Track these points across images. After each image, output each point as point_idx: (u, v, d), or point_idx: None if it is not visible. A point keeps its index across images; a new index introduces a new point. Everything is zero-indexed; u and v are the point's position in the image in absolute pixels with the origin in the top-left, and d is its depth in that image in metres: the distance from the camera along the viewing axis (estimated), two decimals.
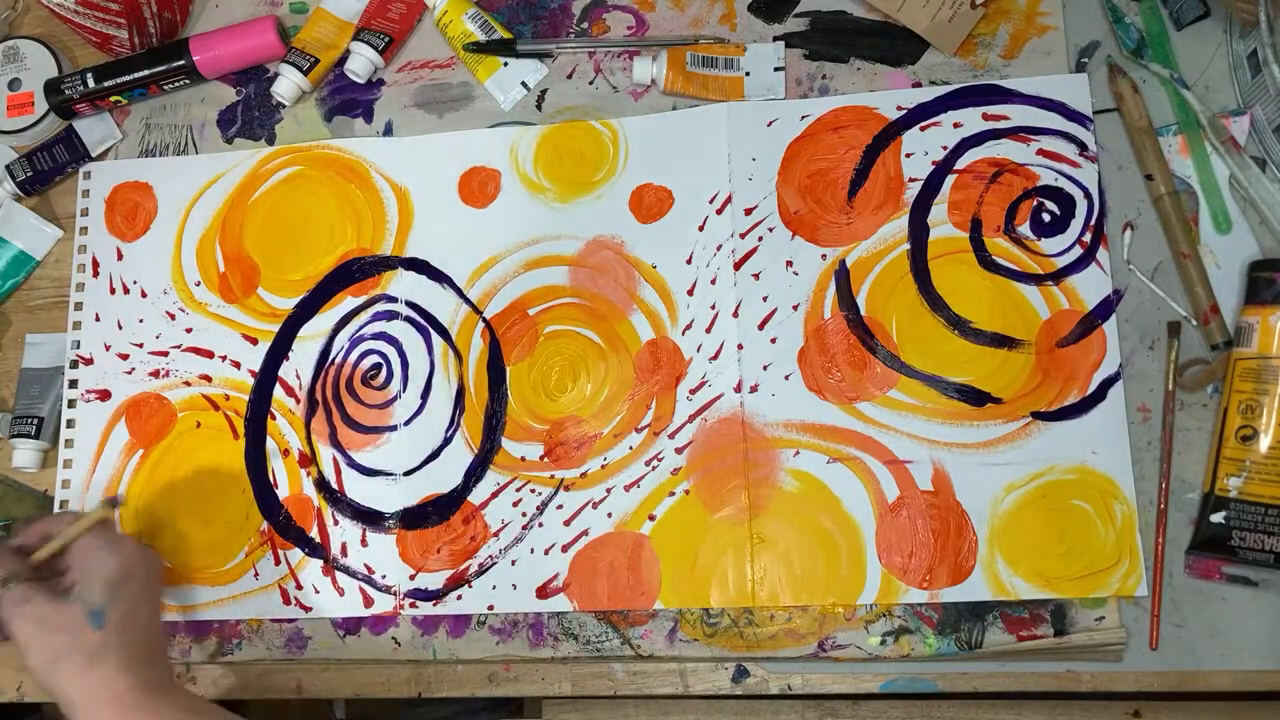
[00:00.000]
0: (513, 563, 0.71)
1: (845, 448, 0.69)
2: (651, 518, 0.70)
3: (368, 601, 0.73)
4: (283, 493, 0.75)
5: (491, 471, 0.73)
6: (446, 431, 0.74)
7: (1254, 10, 0.67)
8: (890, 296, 0.71)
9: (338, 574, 0.73)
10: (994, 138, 0.72)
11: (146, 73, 0.81)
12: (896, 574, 0.67)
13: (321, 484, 0.75)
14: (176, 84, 0.82)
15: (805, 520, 0.69)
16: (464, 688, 0.72)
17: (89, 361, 0.80)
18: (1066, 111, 0.71)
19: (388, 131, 0.80)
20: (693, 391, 0.72)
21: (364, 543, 0.74)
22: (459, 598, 0.71)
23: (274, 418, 0.76)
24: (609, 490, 0.71)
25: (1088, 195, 0.70)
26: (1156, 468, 0.67)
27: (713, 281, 0.73)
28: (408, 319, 0.76)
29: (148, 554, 0.67)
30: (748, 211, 0.74)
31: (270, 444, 0.76)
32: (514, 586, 0.71)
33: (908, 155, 0.73)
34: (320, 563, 0.74)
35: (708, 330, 0.73)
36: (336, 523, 0.74)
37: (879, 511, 0.68)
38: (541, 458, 0.73)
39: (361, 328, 0.77)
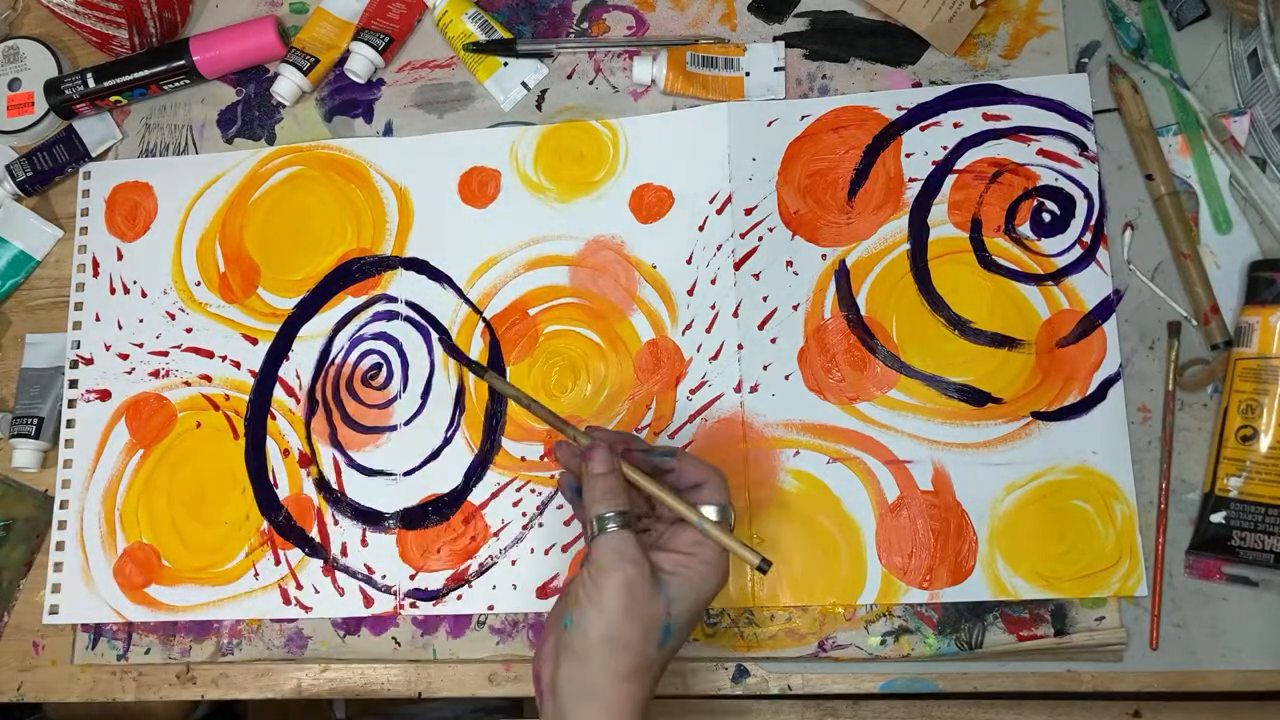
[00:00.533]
0: (513, 563, 0.71)
1: (845, 448, 0.69)
2: None
3: (368, 601, 0.73)
4: (283, 493, 0.75)
5: (491, 471, 0.73)
6: (446, 431, 0.74)
7: (1254, 10, 0.67)
8: (890, 296, 0.71)
9: (338, 574, 0.73)
10: (994, 138, 0.72)
11: (146, 73, 0.81)
12: (897, 574, 0.67)
13: (321, 484, 0.75)
14: (176, 84, 0.82)
15: (805, 520, 0.69)
16: (464, 688, 0.72)
17: (89, 361, 0.80)
18: (1066, 111, 0.71)
19: (388, 131, 0.80)
20: (693, 391, 0.72)
21: (364, 543, 0.74)
22: (459, 598, 0.71)
23: (274, 418, 0.76)
24: None
25: (1088, 195, 0.70)
26: (1156, 468, 0.67)
27: (713, 281, 0.73)
28: (408, 319, 0.76)
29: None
30: (748, 211, 0.74)
31: (270, 444, 0.76)
32: (514, 586, 0.71)
33: (908, 155, 0.73)
34: (320, 563, 0.74)
35: (708, 330, 0.73)
36: (336, 523, 0.74)
37: (879, 511, 0.68)
38: (542, 458, 0.73)
39: (361, 328, 0.77)
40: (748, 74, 0.75)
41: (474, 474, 0.73)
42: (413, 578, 0.72)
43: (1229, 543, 0.63)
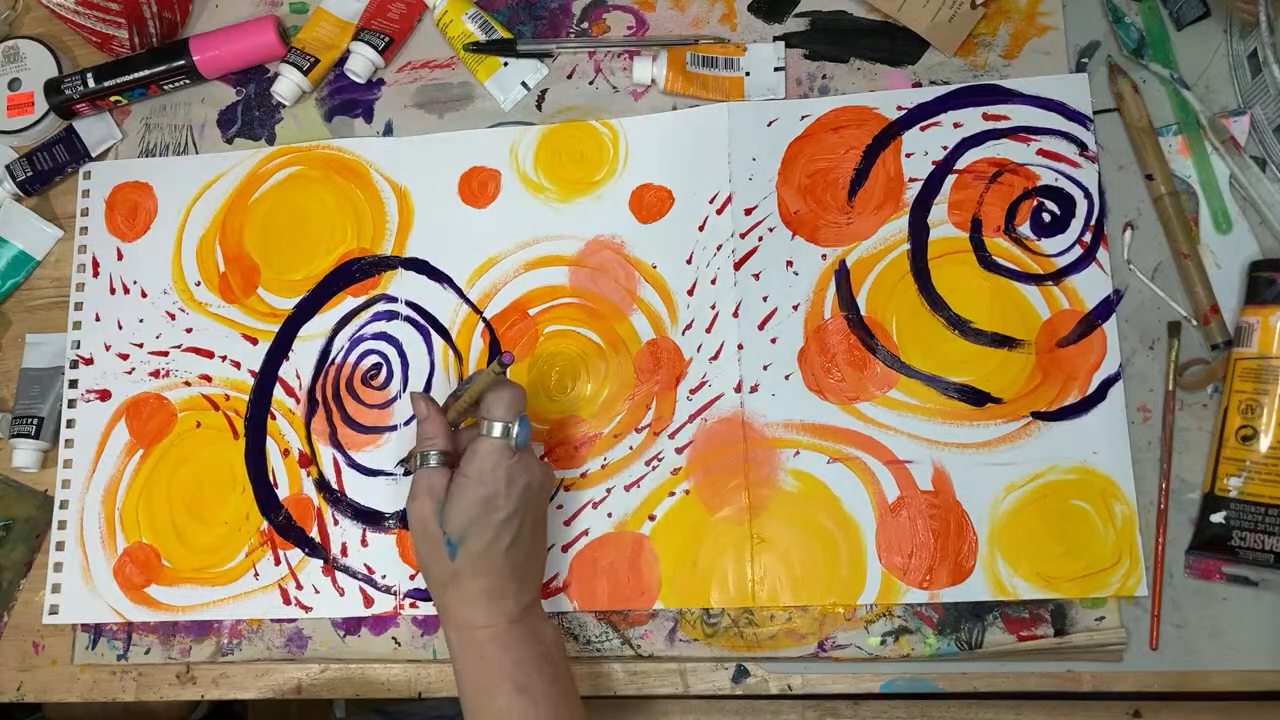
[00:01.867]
0: None
1: (845, 448, 0.70)
2: (651, 518, 0.70)
3: (368, 601, 0.73)
4: (283, 493, 0.75)
5: None
6: None
7: (1254, 10, 0.67)
8: (890, 296, 0.71)
9: (338, 574, 0.73)
10: (994, 138, 0.72)
11: (146, 73, 0.81)
12: (897, 574, 0.67)
13: (321, 484, 0.75)
14: (176, 84, 0.82)
15: (805, 520, 0.69)
16: None
17: (89, 361, 0.80)
18: (1066, 111, 0.71)
19: (388, 131, 0.80)
20: (693, 391, 0.72)
21: (364, 543, 0.74)
22: None
23: (274, 418, 0.76)
24: (609, 490, 0.71)
25: (1088, 195, 0.70)
26: (1156, 468, 0.67)
27: (713, 281, 0.73)
28: (408, 319, 0.76)
29: (526, 475, 0.61)
30: (748, 211, 0.74)
31: (270, 444, 0.76)
32: None
33: (908, 155, 0.73)
34: (320, 563, 0.74)
35: (708, 330, 0.73)
36: (336, 523, 0.74)
37: (879, 511, 0.68)
38: (542, 457, 0.73)
39: (361, 328, 0.77)
40: (748, 74, 0.75)
41: None
42: (413, 577, 0.72)
43: (1229, 543, 0.63)
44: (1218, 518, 0.64)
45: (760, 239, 0.73)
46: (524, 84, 0.79)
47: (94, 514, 0.77)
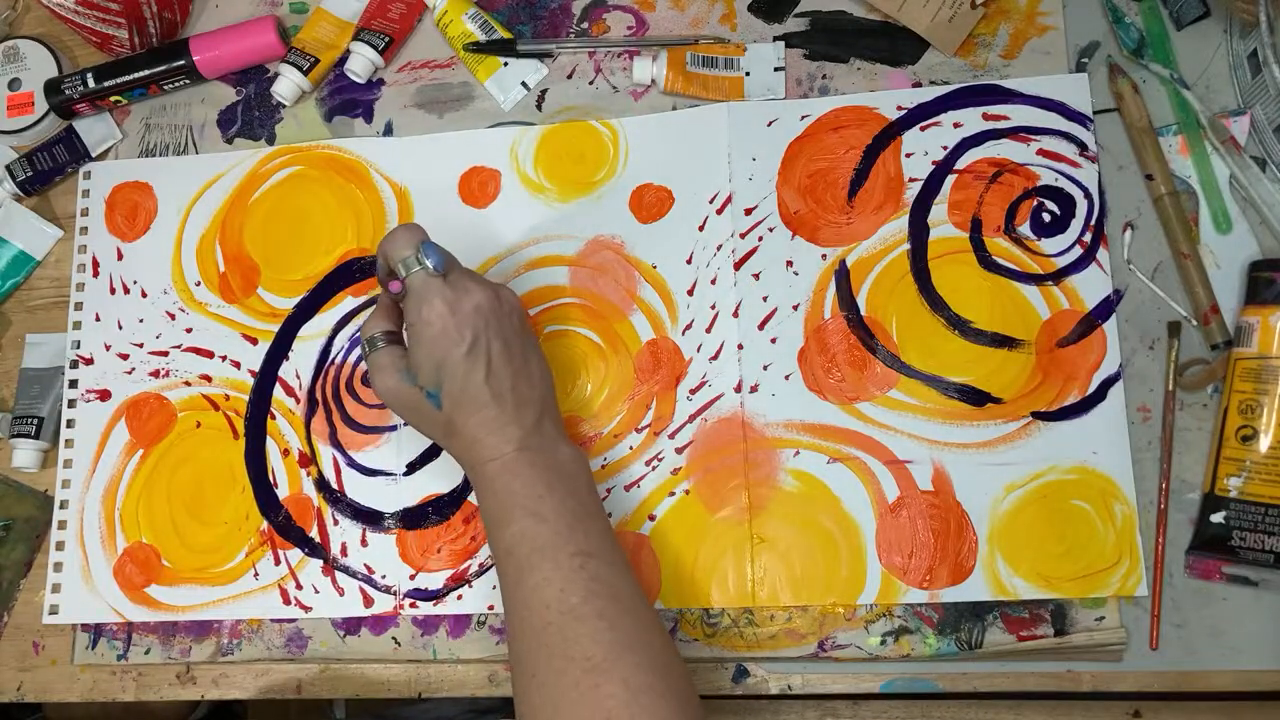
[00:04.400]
0: None
1: (845, 448, 0.70)
2: (651, 518, 0.70)
3: (368, 601, 0.73)
4: (283, 493, 0.75)
5: None
6: None
7: (1254, 10, 0.67)
8: (890, 296, 0.71)
9: (338, 574, 0.73)
10: (994, 138, 0.72)
11: (146, 73, 0.81)
12: (896, 574, 0.67)
13: (321, 484, 0.75)
14: (176, 84, 0.82)
15: (805, 520, 0.69)
16: (464, 688, 0.72)
17: (89, 361, 0.80)
18: (1066, 111, 0.71)
19: (388, 131, 0.80)
20: (693, 391, 0.72)
21: (364, 543, 0.74)
22: (459, 597, 0.71)
23: (274, 418, 0.76)
24: (609, 490, 0.71)
25: (1088, 195, 0.70)
26: (1156, 468, 0.67)
27: (713, 281, 0.73)
28: None
29: (467, 298, 0.60)
30: (748, 211, 0.74)
31: (270, 444, 0.76)
32: None
33: (908, 155, 0.73)
34: (320, 563, 0.74)
35: (708, 330, 0.73)
36: (336, 523, 0.74)
37: (879, 511, 0.68)
38: None
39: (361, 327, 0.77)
40: (748, 74, 0.75)
41: None
42: (413, 578, 0.72)
43: (1229, 543, 0.63)
44: (1218, 518, 0.64)
45: (760, 239, 0.73)
46: (524, 84, 0.79)
47: (94, 514, 0.77)
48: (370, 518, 0.74)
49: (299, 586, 0.73)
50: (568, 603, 0.56)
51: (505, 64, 0.79)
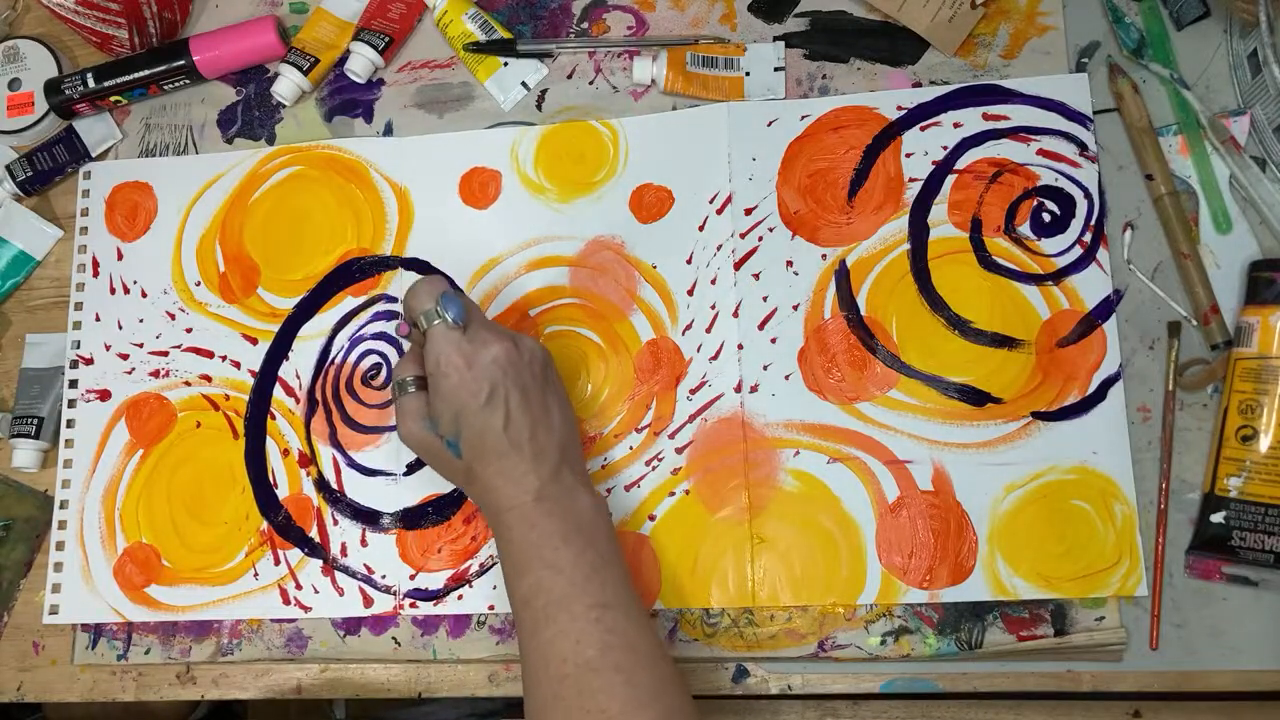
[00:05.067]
0: None
1: (845, 448, 0.70)
2: (651, 518, 0.70)
3: (368, 601, 0.73)
4: (282, 493, 0.75)
5: None
6: None
7: (1254, 10, 0.67)
8: (890, 296, 0.71)
9: (337, 574, 0.73)
10: (994, 138, 0.72)
11: (146, 73, 0.81)
12: (896, 574, 0.67)
13: (321, 484, 0.75)
14: (176, 84, 0.82)
15: (805, 520, 0.69)
16: (464, 688, 0.72)
17: (89, 361, 0.80)
18: (1066, 111, 0.71)
19: (388, 131, 0.80)
20: (693, 391, 0.72)
21: (364, 543, 0.74)
22: (459, 598, 0.71)
23: (274, 418, 0.76)
24: (609, 490, 0.71)
25: (1088, 195, 0.70)
26: (1156, 468, 0.67)
27: (713, 281, 0.73)
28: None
29: (485, 350, 0.60)
30: (748, 211, 0.74)
31: (270, 444, 0.76)
32: None
33: (908, 155, 0.73)
34: (320, 563, 0.74)
35: (708, 330, 0.73)
36: (336, 523, 0.74)
37: (879, 511, 0.68)
38: None
39: (361, 328, 0.77)
40: (748, 74, 0.75)
41: None
42: (413, 578, 0.72)
43: (1229, 543, 0.63)
44: (1218, 518, 0.64)
45: (760, 239, 0.73)
46: (524, 84, 0.79)
47: (94, 514, 0.77)
48: (370, 518, 0.74)
49: (299, 586, 0.73)
50: (584, 655, 0.56)
51: (505, 64, 0.79)
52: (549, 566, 0.58)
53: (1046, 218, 0.71)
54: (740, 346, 0.72)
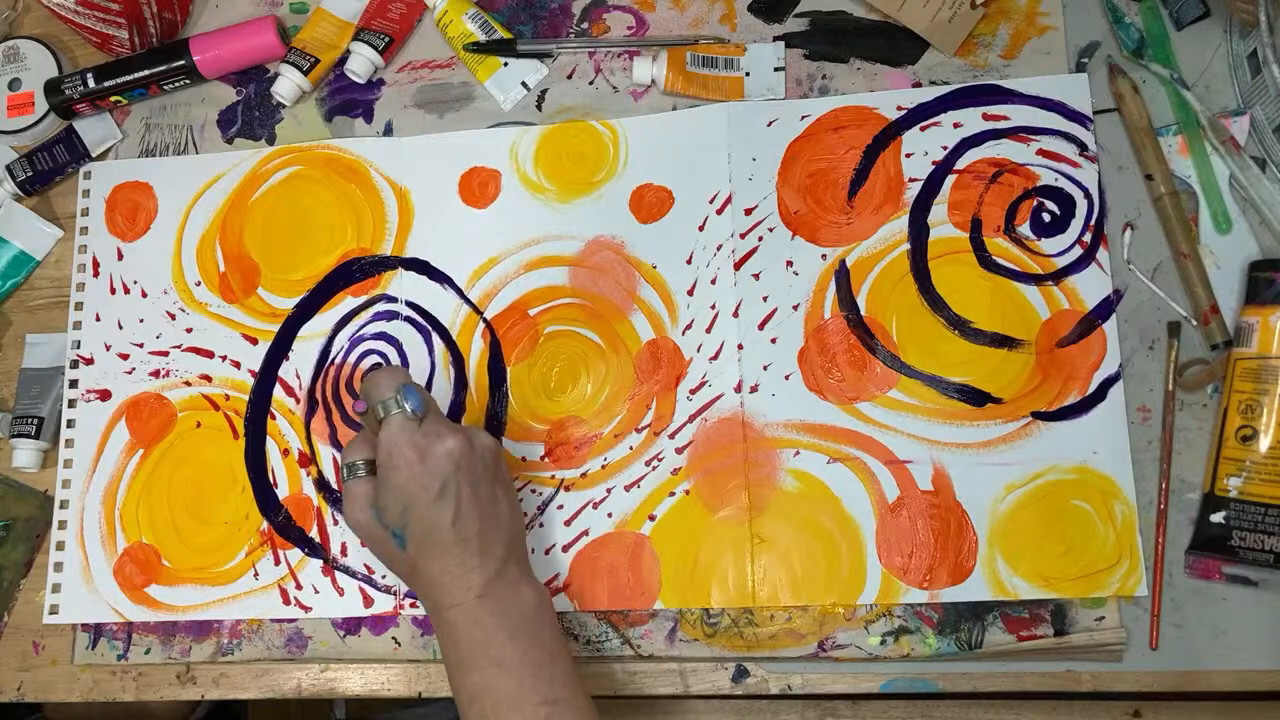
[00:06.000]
0: None
1: (845, 448, 0.70)
2: (652, 518, 0.70)
3: (368, 601, 0.73)
4: (283, 493, 0.75)
5: None
6: None
7: (1254, 10, 0.67)
8: (890, 296, 0.71)
9: (337, 574, 0.73)
10: (994, 138, 0.72)
11: (146, 73, 0.81)
12: (896, 574, 0.67)
13: (321, 484, 0.75)
14: (176, 84, 0.82)
15: (805, 520, 0.69)
16: None
17: (89, 361, 0.80)
18: (1066, 111, 0.71)
19: (388, 131, 0.80)
20: (693, 391, 0.72)
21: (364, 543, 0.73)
22: None
23: (274, 418, 0.76)
24: (609, 490, 0.71)
25: (1088, 195, 0.70)
26: (1156, 468, 0.67)
27: (713, 281, 0.73)
28: (408, 319, 0.76)
29: (440, 443, 0.60)
30: (748, 211, 0.74)
31: (270, 444, 0.76)
32: None
33: (908, 155, 0.73)
34: (320, 563, 0.74)
35: (708, 330, 0.73)
36: (336, 523, 0.74)
37: (879, 511, 0.68)
38: (542, 458, 0.73)
39: (362, 328, 0.77)
40: (748, 74, 0.75)
41: None
42: None
43: (1229, 543, 0.63)
44: (1218, 518, 0.64)
45: (760, 239, 0.73)
46: (524, 84, 0.79)
47: (94, 514, 0.77)
48: None
49: (299, 586, 0.73)
50: None
51: (505, 64, 0.79)
52: (495, 664, 0.58)
53: (1046, 218, 0.71)
54: (740, 346, 0.72)
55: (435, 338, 0.76)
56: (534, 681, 0.58)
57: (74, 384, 0.79)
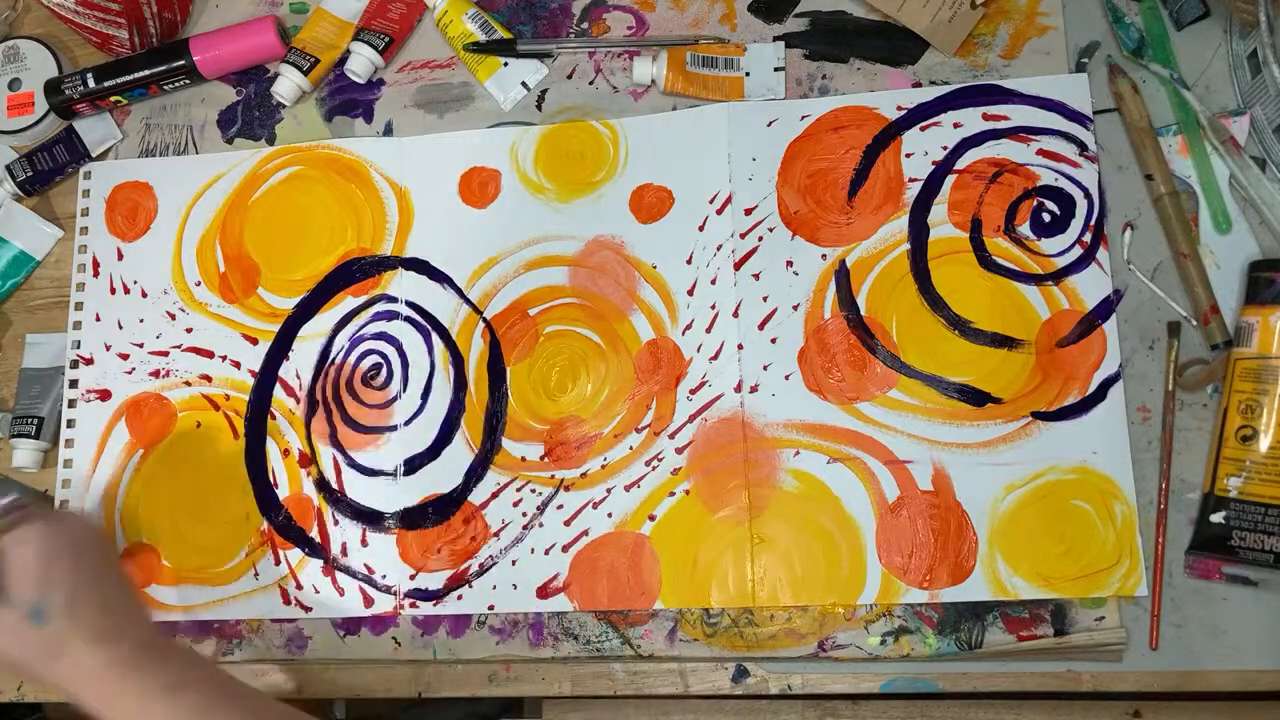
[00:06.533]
0: (513, 563, 0.71)
1: (845, 448, 0.70)
2: (652, 518, 0.70)
3: (368, 601, 0.73)
4: (283, 493, 0.75)
5: (492, 471, 0.73)
6: (447, 432, 0.74)
7: (1254, 10, 0.67)
8: (890, 296, 0.71)
9: (338, 574, 0.73)
10: (994, 138, 0.72)
11: (146, 73, 0.81)
12: (897, 574, 0.67)
13: (321, 484, 0.75)
14: (176, 84, 0.82)
15: (805, 520, 0.69)
16: (464, 688, 0.72)
17: (89, 361, 0.80)
18: (1066, 111, 0.71)
19: (388, 131, 0.80)
20: (693, 391, 0.72)
21: (364, 543, 0.74)
22: (459, 598, 0.71)
23: (274, 418, 0.76)
24: (609, 490, 0.71)
25: (1088, 195, 0.70)
26: (1156, 468, 0.67)
27: (713, 281, 0.73)
28: (408, 319, 0.76)
29: (70, 524, 0.62)
30: (748, 211, 0.74)
31: (270, 444, 0.76)
32: (514, 586, 0.71)
33: (908, 155, 0.73)
34: (320, 563, 0.74)
35: (708, 330, 0.73)
36: (336, 523, 0.74)
37: (879, 511, 0.68)
38: (542, 458, 0.73)
39: (362, 328, 0.77)
40: (748, 74, 0.75)
41: (474, 474, 0.73)
42: (413, 578, 0.72)
43: (1229, 543, 0.63)
44: (1218, 518, 0.64)
45: (760, 239, 0.73)
46: (524, 84, 0.79)
47: (94, 514, 0.77)
48: (370, 518, 0.74)
49: (299, 586, 0.73)
50: None
51: (505, 64, 0.79)
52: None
53: (1046, 218, 0.71)
54: (740, 346, 0.72)
55: (435, 337, 0.76)
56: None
57: (74, 384, 0.79)
